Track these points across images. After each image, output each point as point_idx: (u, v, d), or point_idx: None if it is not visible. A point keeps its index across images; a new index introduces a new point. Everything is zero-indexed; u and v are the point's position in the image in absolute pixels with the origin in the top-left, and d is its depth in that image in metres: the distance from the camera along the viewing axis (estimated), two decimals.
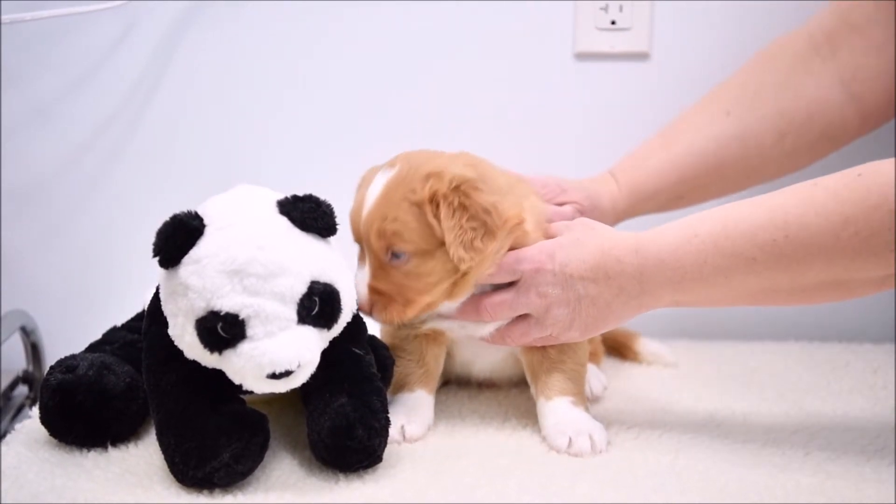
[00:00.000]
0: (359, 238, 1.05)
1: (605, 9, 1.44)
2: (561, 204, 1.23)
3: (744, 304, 1.02)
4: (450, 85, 1.46)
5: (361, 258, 1.05)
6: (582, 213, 1.23)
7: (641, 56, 1.45)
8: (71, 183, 1.50)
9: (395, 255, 1.02)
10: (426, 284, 1.03)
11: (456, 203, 1.00)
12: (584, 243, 1.04)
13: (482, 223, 1.00)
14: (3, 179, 1.48)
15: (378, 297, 1.04)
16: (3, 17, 1.34)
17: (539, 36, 1.44)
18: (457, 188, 1.00)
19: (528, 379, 1.12)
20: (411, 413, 1.08)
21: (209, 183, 1.09)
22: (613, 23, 1.44)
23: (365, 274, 1.04)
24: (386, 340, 1.13)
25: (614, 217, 1.29)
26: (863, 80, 1.21)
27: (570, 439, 1.05)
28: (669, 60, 1.45)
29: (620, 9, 1.44)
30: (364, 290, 1.03)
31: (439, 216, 1.00)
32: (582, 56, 1.45)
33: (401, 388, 1.11)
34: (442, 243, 1.01)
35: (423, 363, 1.12)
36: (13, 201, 1.49)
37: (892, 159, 0.93)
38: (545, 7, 1.44)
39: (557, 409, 1.08)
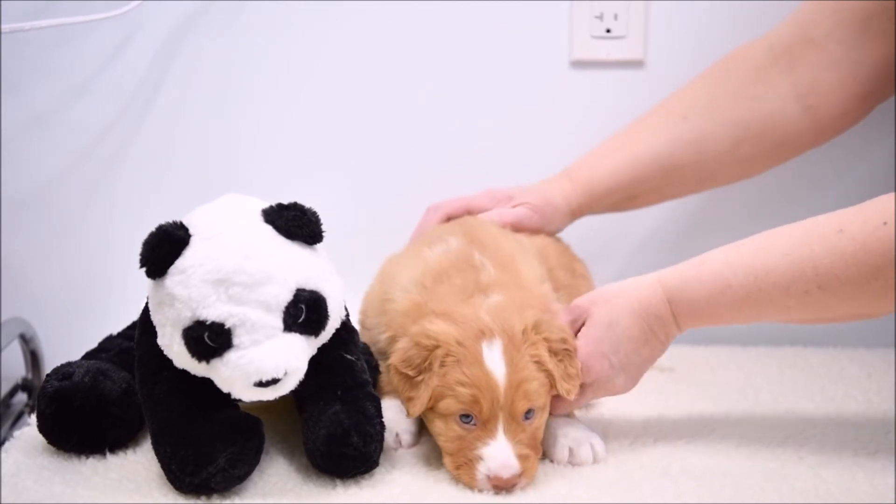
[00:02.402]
0: (490, 412, 0.99)
1: (601, 17, 1.45)
2: (514, 207, 1.28)
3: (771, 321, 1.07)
4: (445, 93, 1.47)
5: (489, 433, 0.99)
6: (535, 212, 1.27)
7: (636, 64, 1.46)
8: (71, 191, 1.50)
9: (527, 415, 1.01)
10: (543, 428, 1.04)
11: (547, 346, 1.02)
12: (618, 321, 1.05)
13: (565, 351, 1.03)
14: (2, 187, 1.48)
15: (525, 461, 1.00)
16: (3, 26, 1.34)
17: (534, 44, 1.45)
18: (545, 337, 1.03)
19: None
20: (400, 418, 1.08)
21: (208, 191, 1.09)
22: (608, 31, 1.45)
23: (505, 445, 0.99)
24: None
25: (569, 213, 1.32)
26: (819, 94, 1.24)
27: (571, 450, 1.05)
28: (664, 68, 1.46)
29: (615, 17, 1.44)
30: (516, 462, 0.99)
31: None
32: (577, 64, 1.46)
33: (388, 393, 1.10)
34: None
35: None
36: (13, 209, 1.49)
37: None
38: (540, 15, 1.44)
39: (553, 422, 1.07)
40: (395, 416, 1.07)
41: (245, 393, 0.96)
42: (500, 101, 1.47)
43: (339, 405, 1.00)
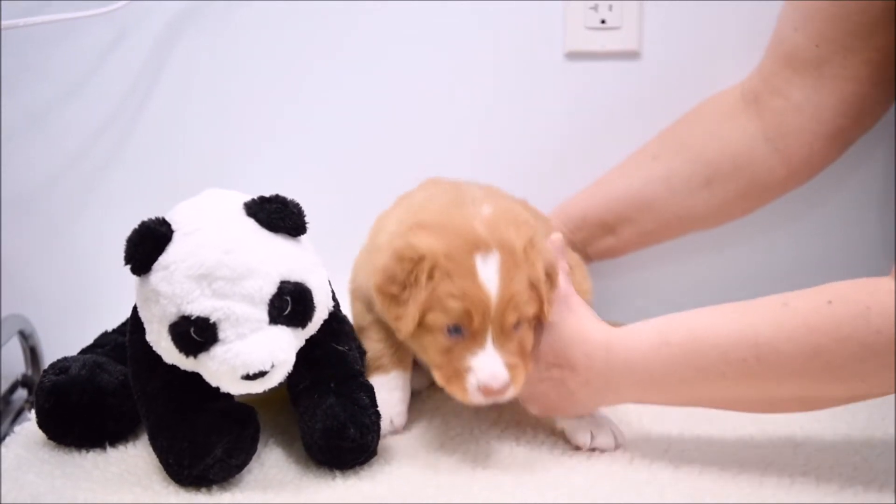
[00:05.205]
0: (481, 325, 0.98)
1: (595, 8, 1.44)
2: None
3: (707, 407, 1.04)
4: (438, 85, 1.46)
5: (478, 344, 0.99)
6: None
7: (632, 55, 1.46)
8: (69, 188, 1.50)
9: (516, 326, 1.01)
10: (530, 339, 1.03)
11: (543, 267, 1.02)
12: (556, 329, 1.04)
13: (550, 278, 1.03)
14: (2, 185, 1.49)
15: (513, 371, 0.99)
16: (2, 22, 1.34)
17: (529, 35, 1.45)
18: (543, 257, 1.02)
19: None
20: (391, 398, 1.08)
21: (206, 187, 1.09)
22: (603, 22, 1.45)
23: (494, 355, 0.99)
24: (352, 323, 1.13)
25: None
26: (786, 136, 1.27)
27: (592, 434, 1.05)
28: (660, 59, 1.45)
29: (610, 8, 1.44)
30: (506, 372, 0.98)
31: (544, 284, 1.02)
32: (572, 55, 1.46)
33: (375, 370, 1.10)
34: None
35: (393, 342, 1.09)
36: (12, 206, 1.49)
37: (861, 283, 0.95)
38: (534, 7, 1.44)
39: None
40: (385, 396, 1.06)
41: (233, 386, 0.97)
42: (494, 93, 1.46)
43: (334, 398, 1.01)
